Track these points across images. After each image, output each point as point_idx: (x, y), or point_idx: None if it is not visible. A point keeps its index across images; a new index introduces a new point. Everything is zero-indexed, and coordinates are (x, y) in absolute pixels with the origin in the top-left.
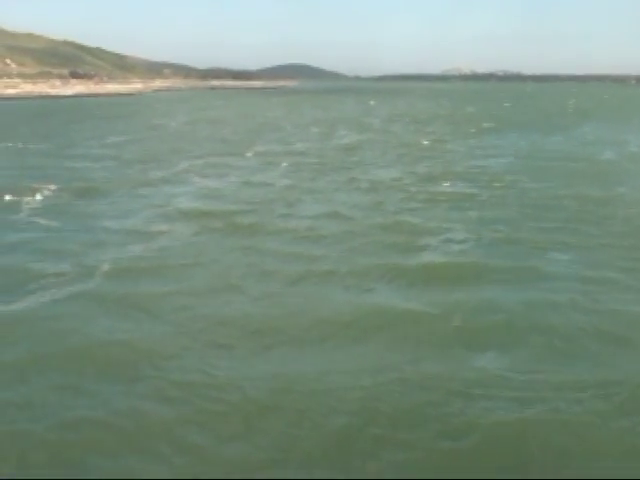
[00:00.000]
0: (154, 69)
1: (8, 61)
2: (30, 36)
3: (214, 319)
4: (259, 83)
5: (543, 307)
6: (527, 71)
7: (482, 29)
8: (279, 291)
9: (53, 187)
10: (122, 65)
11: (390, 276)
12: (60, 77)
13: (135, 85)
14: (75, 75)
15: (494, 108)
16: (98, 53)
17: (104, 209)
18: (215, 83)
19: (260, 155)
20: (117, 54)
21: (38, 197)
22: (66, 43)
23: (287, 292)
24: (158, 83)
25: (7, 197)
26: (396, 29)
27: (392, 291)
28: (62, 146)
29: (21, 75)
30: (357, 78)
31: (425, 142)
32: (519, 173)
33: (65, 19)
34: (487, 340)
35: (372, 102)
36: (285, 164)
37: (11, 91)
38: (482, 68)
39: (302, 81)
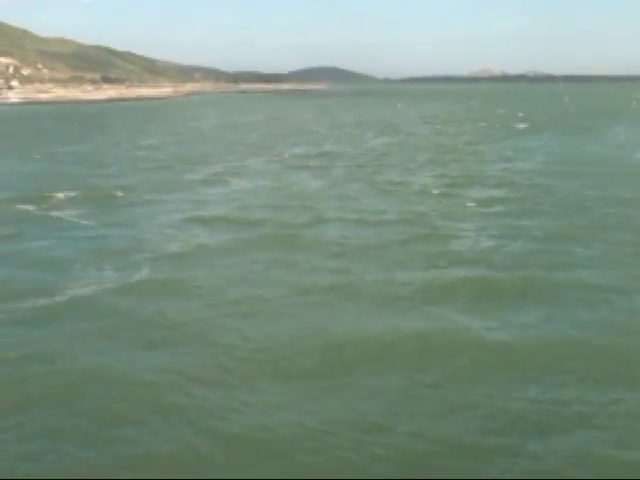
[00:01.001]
0: (184, 73)
1: (40, 66)
2: (61, 41)
3: (235, 335)
4: (289, 86)
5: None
6: (558, 72)
7: (512, 29)
8: (306, 306)
9: (90, 190)
10: (153, 69)
11: (425, 294)
12: (92, 82)
13: (166, 89)
14: (106, 80)
15: (525, 110)
16: (129, 57)
17: (138, 211)
18: (245, 86)
19: (291, 158)
20: (148, 58)
21: (76, 200)
22: (97, 48)
23: (312, 306)
24: (188, 87)
25: (45, 200)
26: (426, 30)
27: (430, 313)
28: (96, 150)
29: (53, 80)
30: (387, 80)
31: (456, 144)
32: (552, 176)
33: (96, 24)
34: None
35: (402, 104)
36: (316, 167)
37: (43, 96)
38: (512, 69)
39: (331, 84)
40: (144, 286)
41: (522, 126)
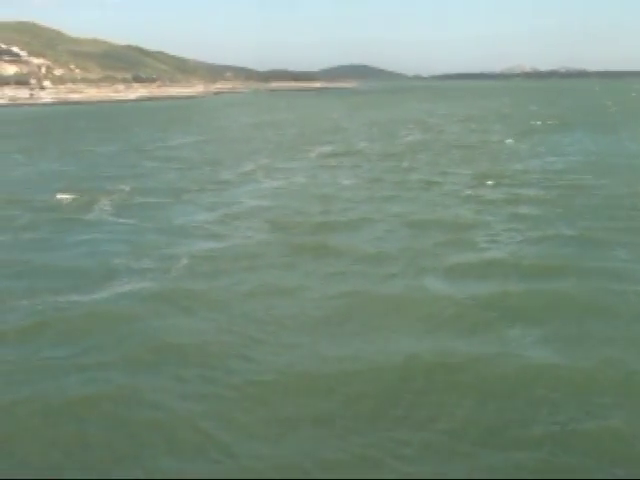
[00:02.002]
0: (215, 72)
1: (72, 66)
2: (93, 41)
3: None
4: (319, 84)
5: None
6: (591, 67)
7: (544, 25)
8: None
9: (125, 188)
10: (184, 68)
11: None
12: (123, 81)
13: (197, 88)
14: (138, 79)
15: (557, 106)
16: (160, 57)
17: (174, 209)
18: (275, 85)
19: (323, 156)
20: (179, 58)
21: (113, 198)
22: (129, 47)
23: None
24: (219, 86)
25: (83, 198)
26: (456, 27)
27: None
28: (129, 149)
29: (85, 80)
30: (417, 77)
31: (488, 142)
32: (586, 174)
33: (127, 24)
34: None
35: (432, 101)
36: (349, 165)
37: (75, 96)
38: (544, 65)
39: (362, 82)
40: (178, 283)
41: (554, 123)
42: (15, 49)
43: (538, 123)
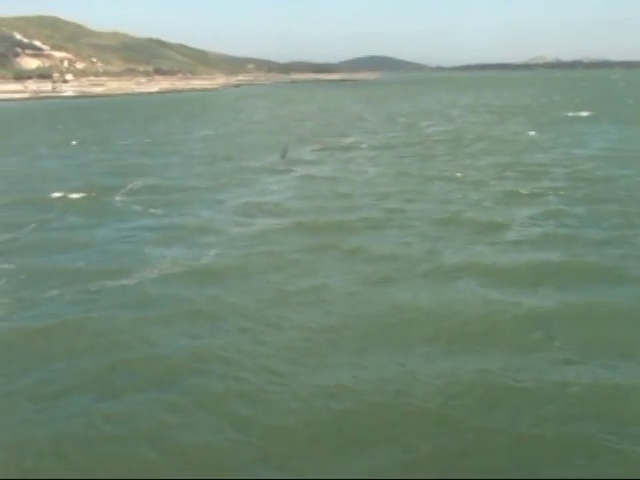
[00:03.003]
0: (236, 64)
1: (94, 59)
2: (114, 34)
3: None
4: (340, 76)
5: None
6: (615, 57)
7: (567, 15)
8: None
9: (150, 181)
10: (205, 61)
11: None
12: (145, 74)
13: (218, 80)
14: (159, 71)
15: (581, 97)
16: (181, 49)
17: (202, 199)
18: (296, 76)
19: (347, 147)
20: (200, 50)
21: (140, 189)
22: (149, 40)
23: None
24: (240, 78)
25: (109, 191)
26: (478, 17)
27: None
28: (153, 142)
29: (107, 73)
30: (439, 68)
31: (512, 132)
32: (614, 166)
33: (148, 17)
34: None
35: (454, 93)
36: (373, 156)
37: (97, 89)
38: (567, 56)
39: (383, 73)
40: (211, 268)
41: (579, 114)
42: (37, 43)
43: (562, 114)
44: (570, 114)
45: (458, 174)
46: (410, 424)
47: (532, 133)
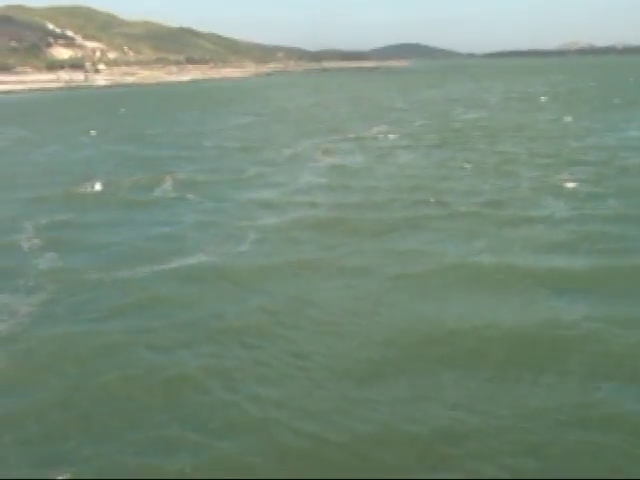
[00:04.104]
0: (267, 53)
1: (126, 49)
2: (146, 24)
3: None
4: (371, 64)
5: None
6: None
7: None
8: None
9: (190, 168)
10: (235, 49)
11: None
12: (176, 63)
13: (249, 69)
14: (190, 61)
15: (615, 83)
16: (212, 38)
17: (240, 186)
18: (327, 65)
19: (381, 135)
20: (230, 39)
21: (179, 177)
22: (181, 29)
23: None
24: (271, 66)
25: (152, 180)
26: (509, 2)
27: None
28: (189, 132)
29: (138, 62)
30: (470, 55)
31: (549, 120)
32: None
33: (179, 6)
34: None
35: (487, 80)
36: (405, 144)
37: (129, 78)
38: (600, 41)
39: (414, 60)
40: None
41: (613, 100)
42: (70, 33)
43: (597, 101)
44: (606, 101)
45: (493, 163)
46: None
47: (568, 120)
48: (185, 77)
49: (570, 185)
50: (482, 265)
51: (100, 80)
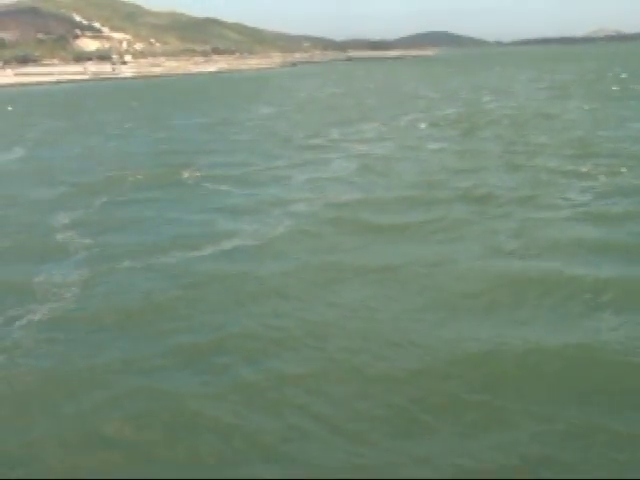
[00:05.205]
0: (293, 43)
1: (152, 40)
2: (172, 14)
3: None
4: (397, 53)
5: None
6: None
7: None
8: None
9: (219, 159)
10: (261, 39)
11: None
12: (202, 54)
13: (275, 59)
14: (216, 51)
15: None
16: (238, 29)
17: (271, 175)
18: (353, 54)
19: (411, 123)
20: (256, 29)
21: (209, 167)
22: (207, 20)
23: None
24: (297, 56)
25: (186, 167)
26: None
27: None
28: (217, 122)
29: (165, 53)
30: (498, 43)
31: (575, 108)
32: None
33: None
34: None
35: (514, 68)
36: (432, 134)
37: (156, 69)
38: (628, 28)
39: (441, 49)
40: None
41: None
42: (96, 25)
43: (623, 90)
44: (636, 90)
45: (524, 153)
46: None
47: (597, 108)
48: (212, 68)
49: (603, 179)
50: (529, 275)
51: (127, 71)
